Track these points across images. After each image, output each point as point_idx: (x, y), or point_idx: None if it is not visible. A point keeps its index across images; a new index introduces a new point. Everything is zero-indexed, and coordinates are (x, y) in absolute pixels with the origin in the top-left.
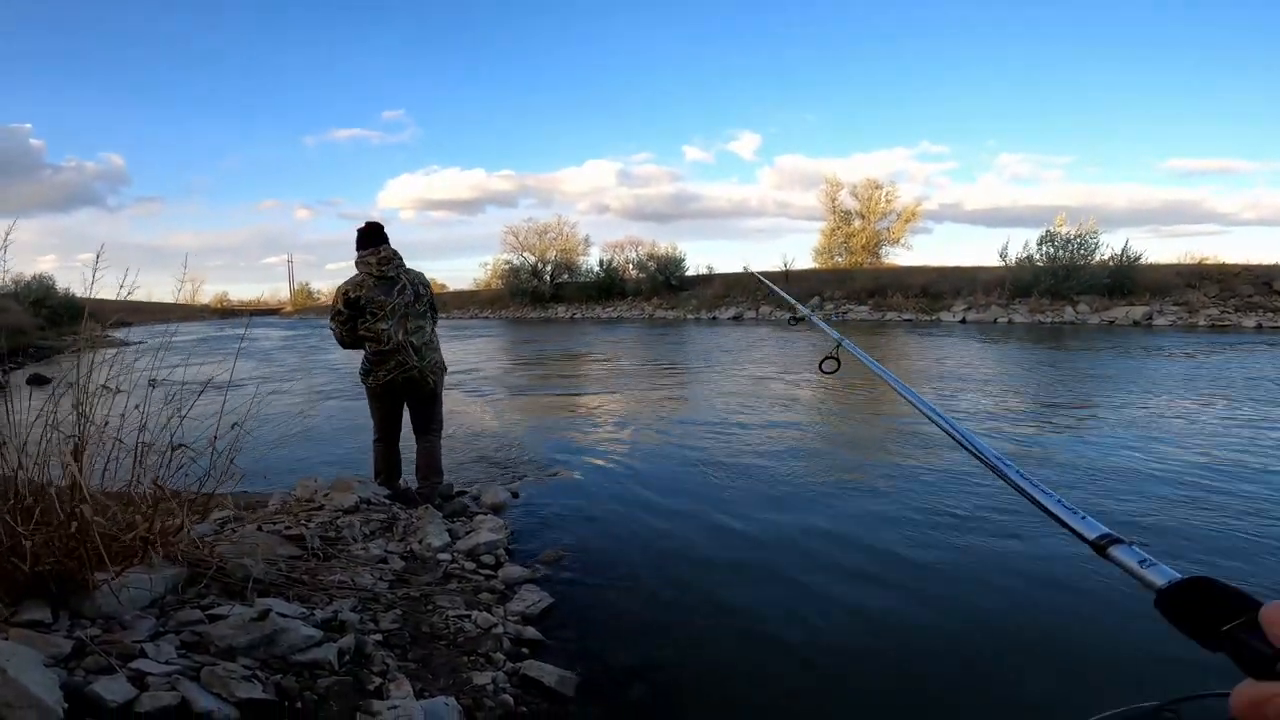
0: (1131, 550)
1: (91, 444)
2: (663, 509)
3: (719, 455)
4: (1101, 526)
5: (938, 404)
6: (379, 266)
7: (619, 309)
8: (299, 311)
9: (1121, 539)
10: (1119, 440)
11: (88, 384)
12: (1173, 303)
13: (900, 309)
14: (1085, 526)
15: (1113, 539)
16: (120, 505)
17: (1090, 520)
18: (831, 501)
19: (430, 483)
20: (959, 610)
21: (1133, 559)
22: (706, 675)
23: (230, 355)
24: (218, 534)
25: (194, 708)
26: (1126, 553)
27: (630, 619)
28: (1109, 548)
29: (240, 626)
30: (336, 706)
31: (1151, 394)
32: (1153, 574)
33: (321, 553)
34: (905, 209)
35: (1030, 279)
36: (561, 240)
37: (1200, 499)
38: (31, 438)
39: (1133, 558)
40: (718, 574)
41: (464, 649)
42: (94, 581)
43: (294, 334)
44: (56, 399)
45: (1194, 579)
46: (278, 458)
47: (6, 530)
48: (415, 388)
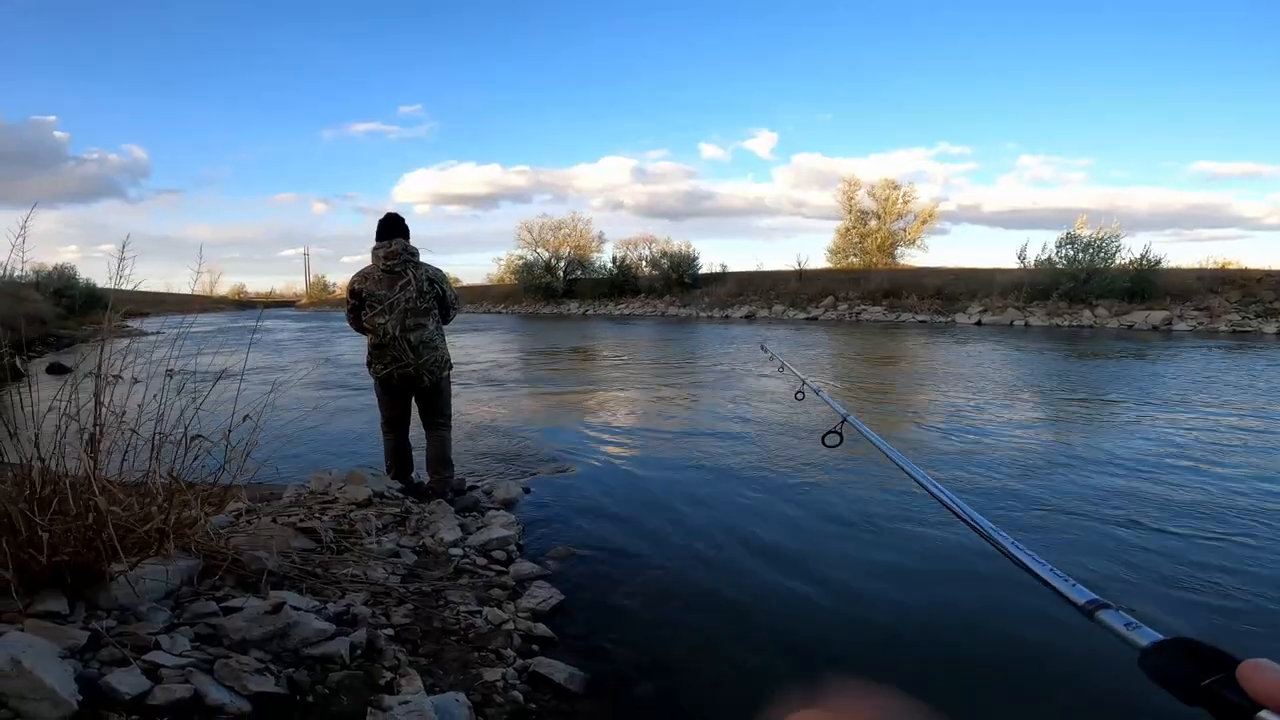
0: (1117, 615)
1: (108, 434)
2: (673, 507)
3: (730, 455)
4: (1089, 593)
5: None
6: (385, 261)
7: (631, 306)
8: (314, 304)
9: (1109, 604)
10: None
11: (106, 373)
12: (1193, 308)
13: (915, 310)
14: (1075, 593)
15: (1100, 604)
16: (136, 496)
17: (1079, 587)
18: (845, 501)
19: (441, 476)
20: (974, 628)
21: (1119, 622)
22: (715, 675)
23: (246, 346)
24: (233, 525)
25: (207, 700)
26: (1113, 616)
27: (640, 617)
28: (1097, 612)
29: (254, 619)
30: (347, 701)
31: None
32: (1137, 635)
33: (335, 546)
34: (922, 210)
35: (1049, 282)
36: (575, 236)
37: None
38: (49, 427)
39: (1119, 621)
40: (728, 572)
41: (475, 645)
42: (110, 573)
43: (309, 326)
44: (75, 388)
45: (1176, 639)
46: (291, 450)
47: (24, 521)
48: (412, 384)
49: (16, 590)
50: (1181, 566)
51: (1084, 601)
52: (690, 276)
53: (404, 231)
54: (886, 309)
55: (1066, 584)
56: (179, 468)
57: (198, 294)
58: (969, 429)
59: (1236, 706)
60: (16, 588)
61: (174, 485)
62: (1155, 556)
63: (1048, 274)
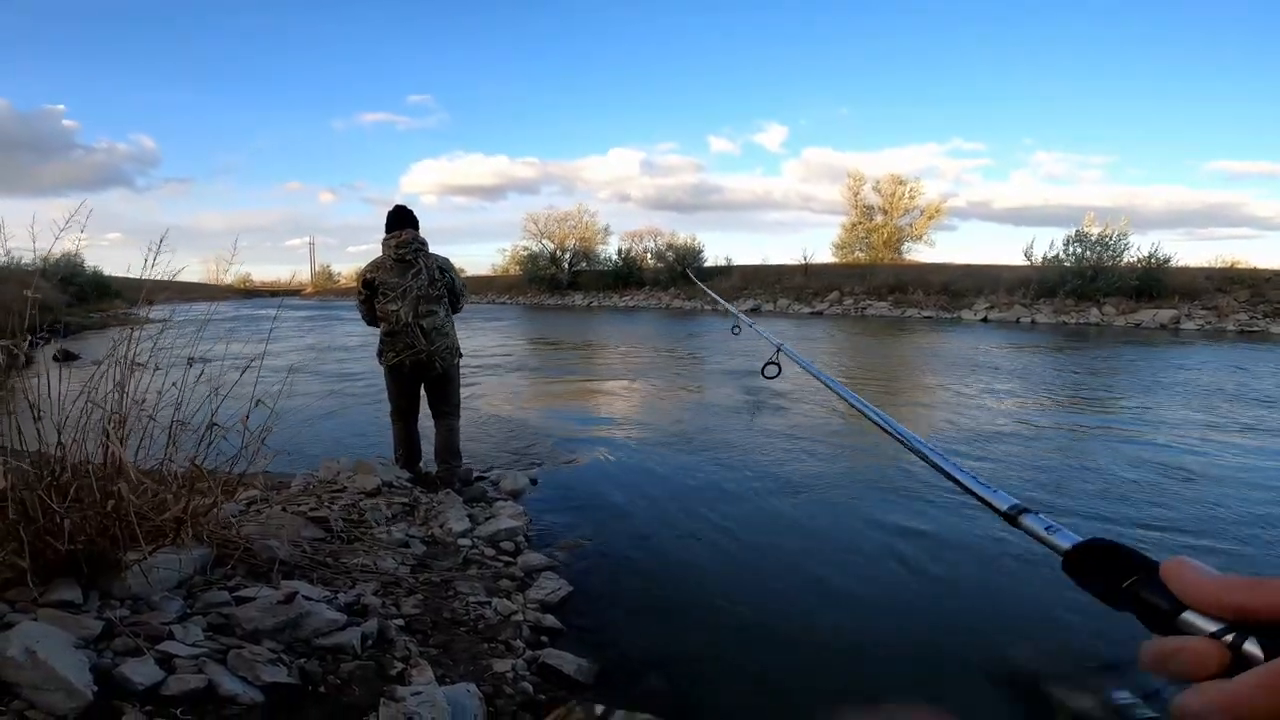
0: (1039, 519)
1: (128, 421)
2: (681, 498)
3: (737, 446)
4: (1011, 498)
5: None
6: (397, 250)
7: (636, 298)
8: (319, 293)
9: (1029, 509)
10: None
11: (130, 359)
12: (1201, 307)
13: (921, 306)
14: (997, 499)
15: (1021, 509)
16: (153, 483)
17: (1001, 493)
18: (854, 493)
19: (449, 465)
20: (977, 601)
21: (1040, 526)
22: (724, 666)
23: (253, 334)
24: (244, 514)
25: (220, 691)
26: (1034, 521)
27: (648, 608)
28: (1019, 516)
29: (267, 609)
30: (360, 691)
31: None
32: (1058, 539)
33: (345, 535)
34: (929, 206)
35: (1056, 279)
36: (581, 228)
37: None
38: (66, 413)
39: (1040, 525)
40: (736, 564)
41: (484, 636)
42: (125, 561)
43: (315, 314)
44: (100, 374)
45: (1094, 540)
46: (300, 438)
47: (42, 508)
48: (423, 370)
49: (33, 579)
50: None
51: (1006, 507)
52: (695, 269)
53: (414, 223)
54: (892, 304)
55: (988, 490)
56: (198, 455)
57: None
58: (973, 418)
59: (1158, 609)
60: (32, 576)
61: (194, 473)
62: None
63: (1055, 271)
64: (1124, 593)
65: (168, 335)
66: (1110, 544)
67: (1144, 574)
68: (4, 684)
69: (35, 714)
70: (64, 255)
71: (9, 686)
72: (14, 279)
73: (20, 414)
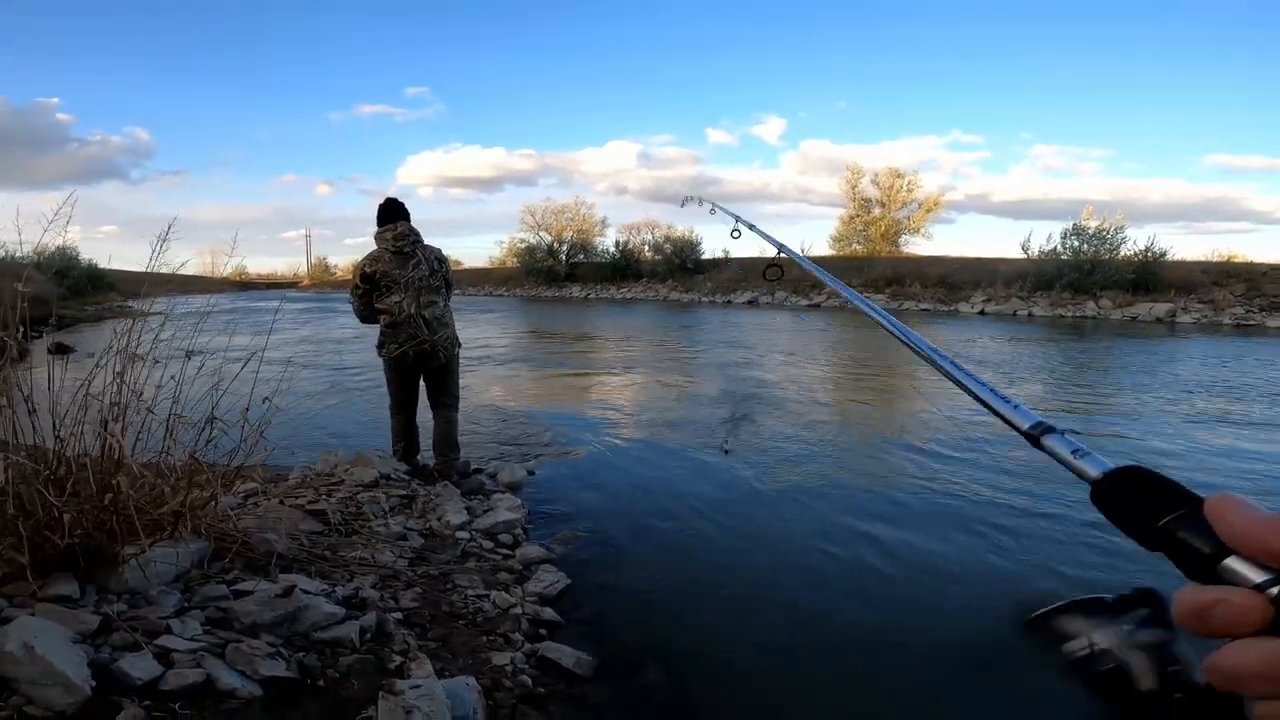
0: (1064, 439)
1: (126, 414)
2: (678, 491)
3: (735, 437)
4: (1035, 415)
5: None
6: (395, 242)
7: (634, 290)
8: (316, 285)
9: (1054, 428)
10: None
11: (129, 352)
12: (1197, 300)
13: (918, 299)
14: (1019, 416)
15: (1046, 428)
16: (151, 476)
17: (1024, 409)
18: (849, 488)
19: (447, 458)
20: (975, 587)
21: (1065, 448)
22: (722, 658)
23: (250, 327)
24: (241, 507)
25: (219, 685)
26: (1059, 441)
27: (646, 601)
28: (1043, 437)
29: (265, 603)
30: (359, 685)
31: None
32: (1086, 464)
33: (343, 528)
34: (927, 199)
35: (1053, 272)
36: (578, 221)
37: None
38: (64, 406)
39: (1065, 447)
40: (734, 555)
41: (483, 629)
42: (122, 555)
43: (312, 306)
44: (99, 366)
45: (1128, 468)
46: (298, 430)
47: (41, 502)
48: (427, 360)
49: (32, 573)
50: None
51: (1029, 426)
52: (693, 261)
53: (406, 215)
54: (889, 297)
55: (1008, 406)
56: (196, 448)
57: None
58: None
59: (1198, 553)
60: (31, 571)
61: (193, 466)
62: None
63: (1052, 264)
64: (1159, 531)
65: (165, 328)
66: (1147, 473)
67: (1184, 510)
68: (2, 679)
69: (34, 709)
70: (58, 248)
71: (7, 682)
72: (8, 272)
73: (16, 407)
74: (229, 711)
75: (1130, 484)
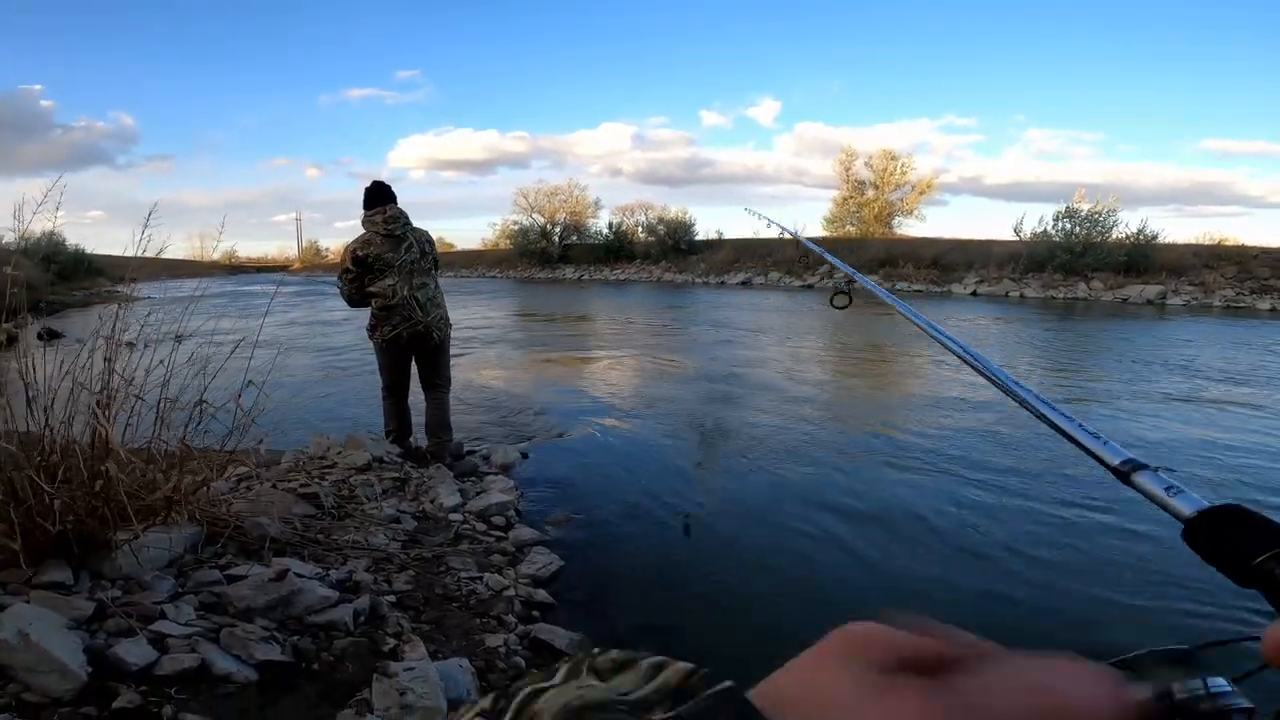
0: (1157, 477)
1: (115, 400)
2: (670, 471)
3: (726, 418)
4: (1124, 452)
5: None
6: (386, 225)
7: (627, 271)
8: (307, 269)
9: (1146, 464)
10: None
11: (118, 338)
12: (1188, 283)
13: (911, 280)
14: (1108, 452)
15: (1137, 464)
16: (141, 462)
17: (1113, 445)
18: (842, 468)
19: (440, 439)
20: (997, 580)
21: (1158, 486)
22: (716, 638)
23: (240, 311)
24: (234, 491)
25: (214, 670)
26: (1151, 479)
27: (639, 582)
28: (1133, 474)
29: (258, 587)
30: (353, 668)
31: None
32: (1180, 502)
33: (336, 511)
34: (920, 180)
35: (1045, 254)
36: (571, 202)
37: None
38: (54, 393)
39: (1158, 485)
40: (725, 535)
41: (476, 611)
42: (115, 541)
43: (303, 290)
44: (87, 353)
45: (1225, 507)
46: (289, 414)
47: (32, 489)
48: (421, 341)
49: (25, 560)
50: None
51: (1118, 462)
52: (686, 242)
53: (393, 198)
54: (882, 278)
55: (1098, 442)
56: (187, 433)
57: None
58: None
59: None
60: (24, 557)
61: (184, 451)
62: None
63: (1044, 246)
64: (1255, 569)
65: (154, 313)
66: (1243, 511)
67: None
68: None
69: (31, 696)
70: (45, 234)
71: (3, 669)
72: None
73: (6, 393)
74: (224, 696)
75: (1226, 521)
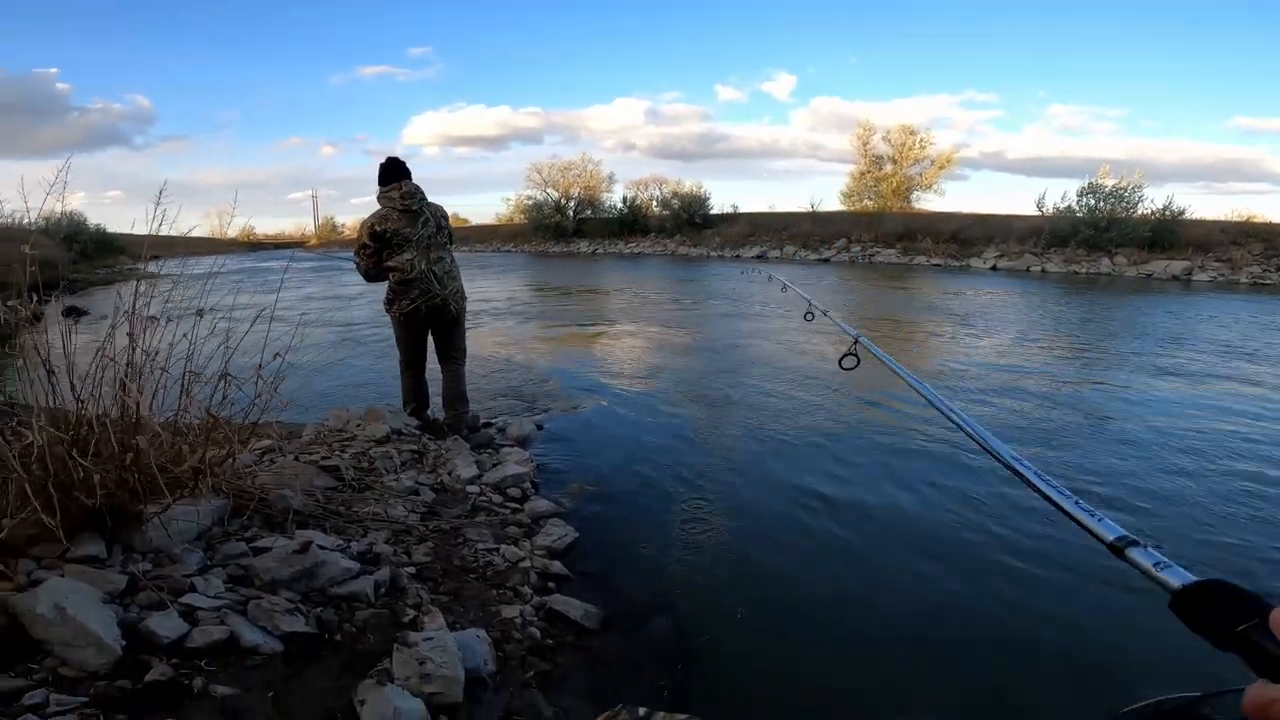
0: (1148, 553)
1: (141, 374)
2: (686, 444)
3: (740, 393)
4: (1119, 529)
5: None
6: (403, 200)
7: (641, 245)
8: (323, 244)
9: (1138, 541)
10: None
11: (142, 314)
12: (1214, 259)
13: (929, 254)
14: (1103, 528)
15: (1129, 541)
16: (169, 435)
17: (1108, 522)
18: (855, 448)
19: (456, 411)
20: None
21: (1149, 561)
22: (726, 613)
23: (259, 287)
24: (258, 464)
25: (241, 642)
26: (1143, 555)
27: (653, 554)
28: (1126, 549)
29: (283, 559)
30: (374, 639)
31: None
32: (1168, 575)
33: (356, 484)
34: (940, 155)
35: (1068, 229)
36: (585, 177)
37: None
38: (82, 369)
39: (1149, 560)
40: (740, 508)
41: (493, 582)
42: (145, 514)
43: (320, 265)
44: (113, 329)
45: (1208, 582)
46: (309, 387)
47: (67, 463)
48: (439, 315)
49: (61, 535)
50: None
51: (1113, 538)
52: (701, 216)
53: (408, 173)
54: (900, 252)
55: (1093, 519)
56: (212, 405)
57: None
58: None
59: (1270, 655)
60: (60, 532)
61: (210, 422)
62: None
63: (1067, 221)
64: (1235, 636)
65: (176, 289)
66: (1227, 586)
67: (1257, 619)
68: (34, 642)
69: (67, 671)
70: (65, 213)
71: (39, 644)
72: (16, 237)
73: (35, 371)
74: (252, 668)
75: (1209, 595)
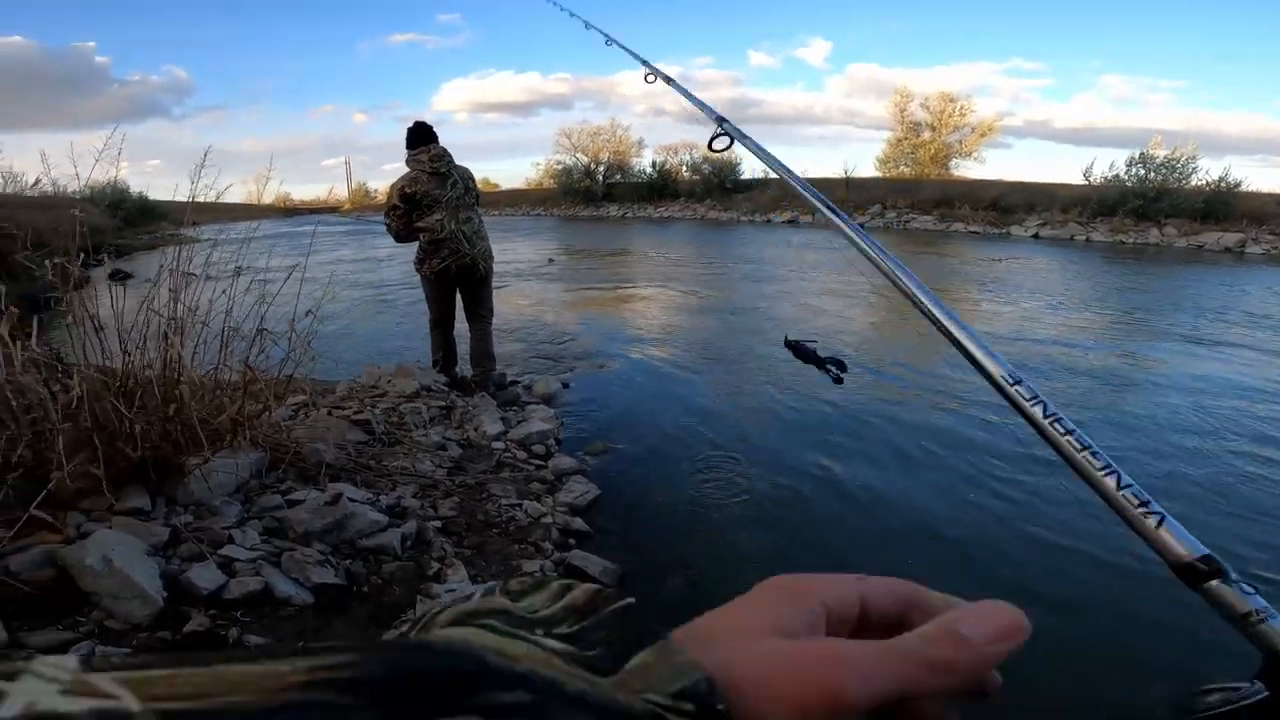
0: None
1: (182, 329)
2: (708, 406)
3: (766, 354)
4: (1201, 545)
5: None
6: (431, 163)
7: (671, 209)
8: (357, 209)
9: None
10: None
11: (184, 271)
12: (1269, 231)
13: (967, 221)
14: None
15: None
16: (208, 388)
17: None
18: (877, 405)
19: (484, 369)
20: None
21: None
22: (743, 572)
23: (293, 250)
24: (293, 419)
25: (275, 593)
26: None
27: (673, 512)
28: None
29: (315, 511)
30: (400, 591)
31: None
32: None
33: (386, 438)
34: (981, 123)
35: (1116, 198)
36: (615, 142)
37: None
38: (128, 325)
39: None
40: (762, 468)
41: (515, 537)
42: (187, 466)
43: (352, 229)
44: (157, 285)
45: None
46: (341, 345)
47: (115, 416)
48: (467, 273)
49: (108, 486)
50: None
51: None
52: (731, 181)
53: (435, 138)
54: (937, 219)
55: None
56: (250, 360)
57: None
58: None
59: None
60: (106, 484)
61: (248, 375)
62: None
63: (1115, 190)
64: None
65: (215, 252)
66: None
67: None
68: (83, 594)
69: (114, 623)
70: (109, 182)
71: (87, 596)
72: (62, 205)
73: (83, 328)
74: (285, 618)
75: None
